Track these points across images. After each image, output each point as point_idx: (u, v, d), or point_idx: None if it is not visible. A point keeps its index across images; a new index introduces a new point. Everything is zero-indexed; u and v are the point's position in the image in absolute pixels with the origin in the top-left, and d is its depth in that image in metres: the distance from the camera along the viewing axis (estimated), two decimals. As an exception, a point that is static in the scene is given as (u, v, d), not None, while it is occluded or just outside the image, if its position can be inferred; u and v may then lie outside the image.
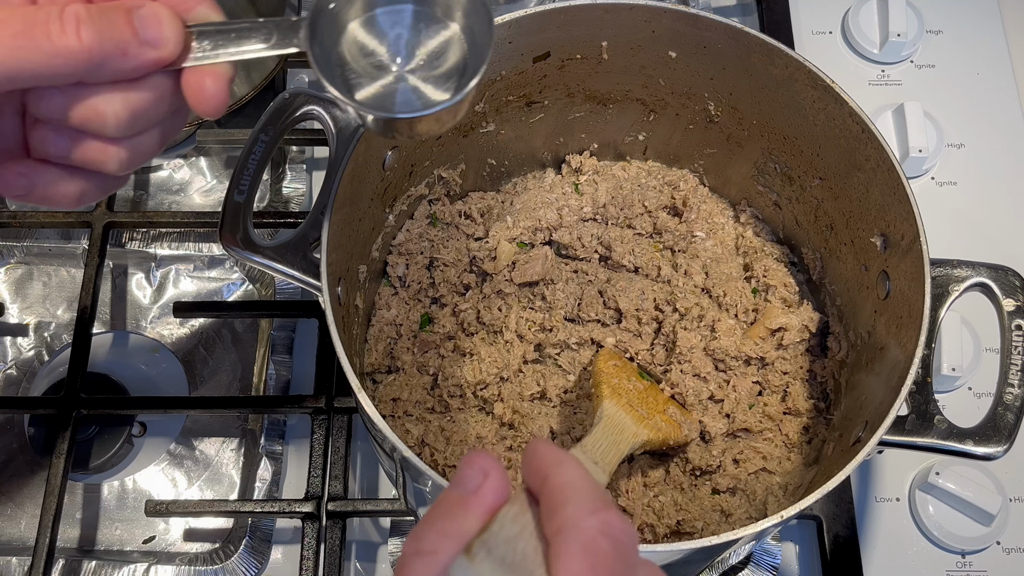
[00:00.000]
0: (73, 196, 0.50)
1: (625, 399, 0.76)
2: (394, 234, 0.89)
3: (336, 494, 0.89)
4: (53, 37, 0.43)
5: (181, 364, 1.01)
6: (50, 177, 0.49)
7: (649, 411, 0.77)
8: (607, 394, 0.75)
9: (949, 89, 1.11)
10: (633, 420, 0.74)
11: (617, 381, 0.79)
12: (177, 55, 0.48)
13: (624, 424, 0.73)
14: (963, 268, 0.74)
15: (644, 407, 0.77)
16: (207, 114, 0.50)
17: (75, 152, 0.48)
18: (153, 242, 1.07)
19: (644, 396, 0.80)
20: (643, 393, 0.80)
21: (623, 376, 0.80)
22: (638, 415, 0.75)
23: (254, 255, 0.73)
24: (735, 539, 0.62)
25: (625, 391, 0.78)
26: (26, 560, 0.88)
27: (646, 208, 0.92)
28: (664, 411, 0.80)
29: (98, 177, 0.51)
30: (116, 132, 0.48)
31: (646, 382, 0.83)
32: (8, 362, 1.02)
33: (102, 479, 0.96)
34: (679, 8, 0.79)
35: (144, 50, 0.46)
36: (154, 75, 0.48)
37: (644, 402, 0.78)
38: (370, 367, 0.85)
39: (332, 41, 0.53)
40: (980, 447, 0.69)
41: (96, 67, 0.45)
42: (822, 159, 0.82)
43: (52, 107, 0.46)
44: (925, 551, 0.89)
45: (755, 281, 0.89)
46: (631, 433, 0.72)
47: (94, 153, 0.49)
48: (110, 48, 0.44)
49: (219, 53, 0.50)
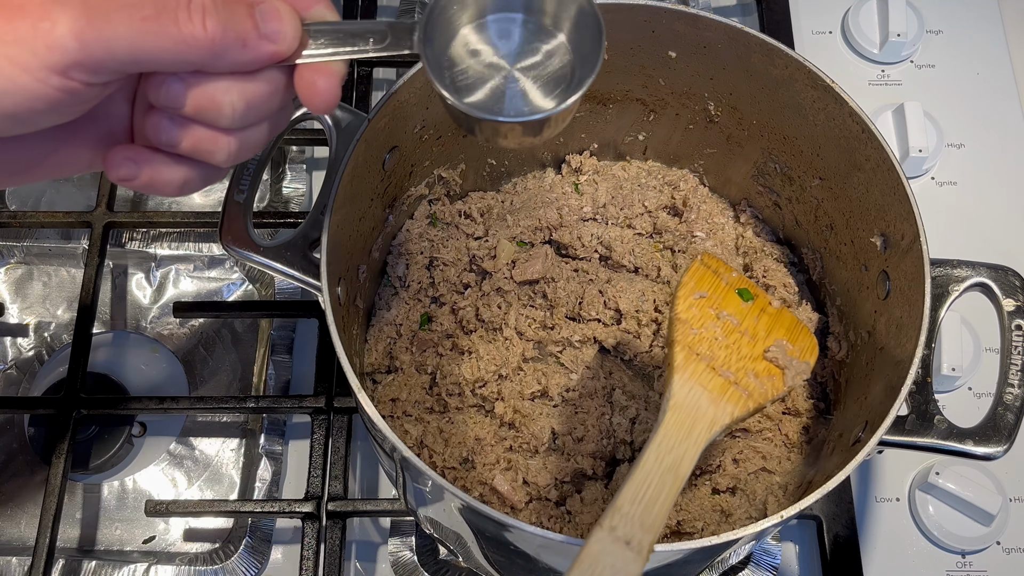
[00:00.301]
0: (176, 184, 0.51)
1: (705, 360, 0.64)
2: (394, 234, 0.89)
3: (336, 494, 0.89)
4: (181, 24, 0.45)
5: (181, 364, 1.01)
6: (157, 164, 0.50)
7: (741, 366, 0.65)
8: (679, 361, 0.64)
9: (949, 89, 1.11)
10: (712, 396, 0.62)
11: (699, 330, 0.67)
12: (293, 51, 0.50)
13: (697, 412, 0.61)
14: (963, 268, 0.74)
15: (735, 360, 0.65)
16: (318, 110, 0.52)
17: (186, 140, 0.50)
18: (153, 242, 1.07)
19: (738, 337, 0.68)
20: (736, 332, 0.68)
21: (708, 315, 0.68)
22: (720, 384, 0.63)
23: (254, 255, 0.73)
24: (735, 539, 0.62)
25: (708, 343, 0.66)
26: (26, 560, 0.88)
27: (646, 208, 0.92)
28: (764, 353, 0.68)
29: (203, 167, 0.52)
30: (230, 123, 0.49)
31: (747, 305, 0.70)
32: (8, 362, 1.02)
33: (102, 479, 0.96)
34: (679, 8, 0.79)
35: (263, 43, 0.48)
36: (270, 69, 0.50)
37: (736, 349, 0.66)
38: (370, 367, 0.85)
39: (443, 45, 0.54)
40: (980, 447, 0.69)
41: (217, 57, 0.46)
42: (822, 159, 0.82)
43: (171, 94, 0.47)
44: (925, 551, 0.89)
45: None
46: (706, 424, 0.61)
47: (205, 143, 0.50)
48: (231, 39, 0.46)
49: (334, 52, 0.51)
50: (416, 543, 0.90)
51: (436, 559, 0.90)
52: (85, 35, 0.43)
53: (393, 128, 0.78)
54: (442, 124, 0.84)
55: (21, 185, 0.48)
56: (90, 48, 0.43)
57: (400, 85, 0.75)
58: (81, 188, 1.11)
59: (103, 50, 0.44)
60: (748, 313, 0.70)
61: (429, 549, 0.90)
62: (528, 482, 0.79)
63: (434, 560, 0.90)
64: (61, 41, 0.43)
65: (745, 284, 0.72)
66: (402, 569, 0.89)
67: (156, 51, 0.45)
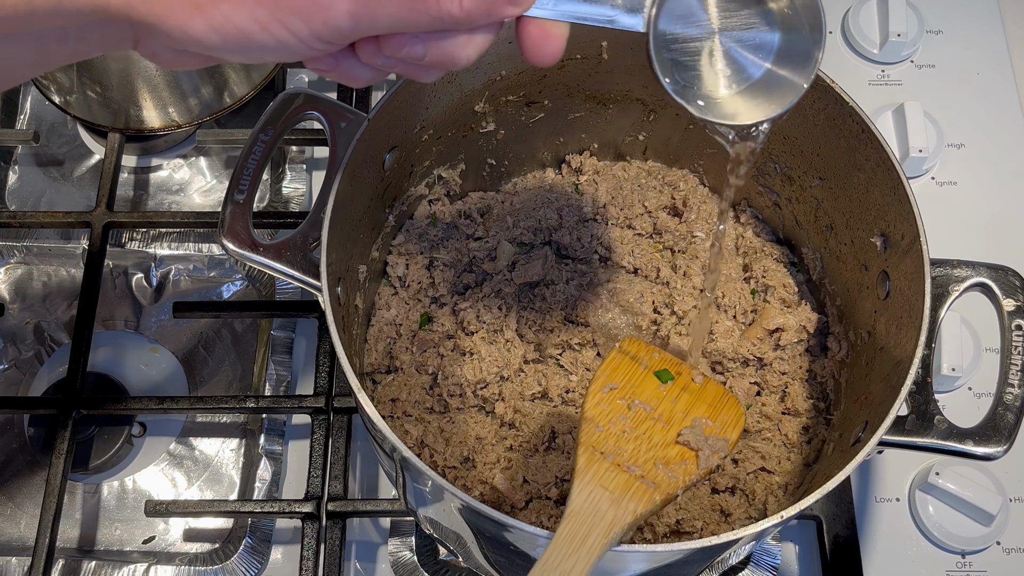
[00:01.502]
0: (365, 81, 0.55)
1: (609, 458, 0.63)
2: (394, 234, 0.89)
3: (336, 494, 0.89)
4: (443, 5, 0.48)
5: (181, 364, 1.01)
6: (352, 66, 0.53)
7: (649, 457, 0.64)
8: (581, 464, 0.62)
9: (949, 89, 1.11)
10: (613, 497, 0.61)
11: (605, 428, 0.66)
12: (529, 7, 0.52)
13: (595, 517, 0.59)
14: (963, 268, 0.74)
15: (642, 451, 0.64)
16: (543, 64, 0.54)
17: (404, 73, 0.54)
18: (153, 242, 1.07)
19: (649, 426, 0.67)
20: (647, 421, 0.67)
21: (617, 408, 0.67)
22: (622, 483, 0.62)
23: (254, 255, 0.73)
24: (735, 539, 0.62)
25: (615, 438, 0.65)
26: (26, 560, 0.88)
27: (646, 208, 0.92)
28: (676, 437, 0.67)
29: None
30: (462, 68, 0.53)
31: (664, 388, 0.70)
32: (8, 362, 1.02)
33: (102, 479, 0.96)
34: (679, 8, 0.79)
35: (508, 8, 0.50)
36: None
37: (645, 439, 0.66)
38: (370, 367, 0.85)
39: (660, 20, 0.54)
40: (980, 447, 0.69)
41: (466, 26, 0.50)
42: (822, 159, 0.82)
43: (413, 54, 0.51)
44: (925, 551, 0.89)
45: (754, 282, 0.89)
46: (603, 528, 0.59)
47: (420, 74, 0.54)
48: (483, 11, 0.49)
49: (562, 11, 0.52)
50: (416, 543, 0.90)
51: (436, 559, 0.90)
52: (359, 15, 0.47)
53: (393, 128, 0.78)
54: (442, 124, 0.84)
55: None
56: (360, 26, 0.48)
57: (400, 85, 0.75)
58: (81, 188, 1.11)
59: (369, 26, 0.48)
60: (665, 396, 0.69)
61: (429, 549, 0.90)
62: (528, 480, 0.79)
63: (434, 560, 0.90)
64: (337, 20, 0.47)
65: (666, 364, 0.71)
66: (402, 569, 0.89)
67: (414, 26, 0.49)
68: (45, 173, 1.12)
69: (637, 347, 0.72)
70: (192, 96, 1.04)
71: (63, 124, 1.14)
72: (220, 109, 1.06)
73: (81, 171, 1.12)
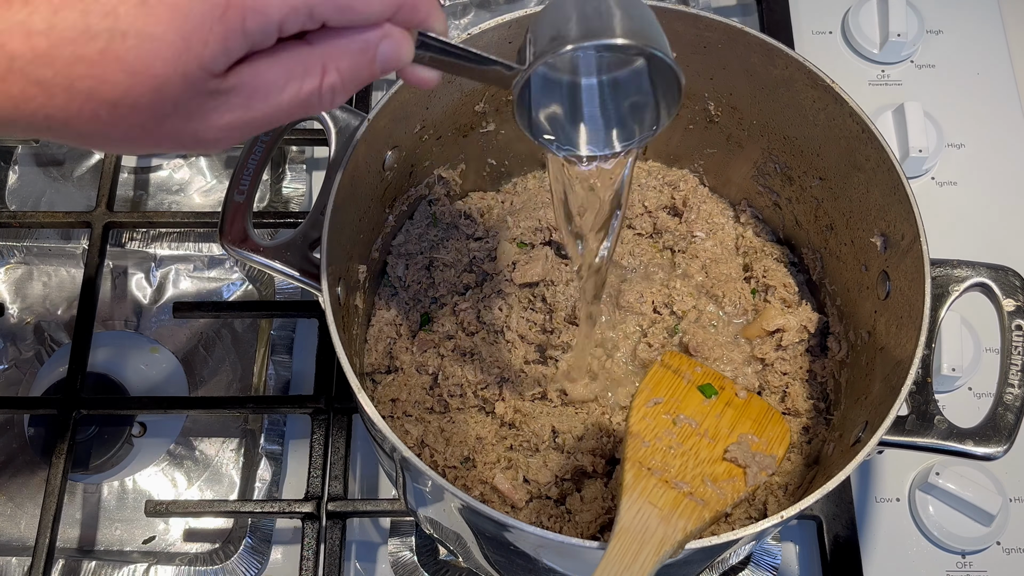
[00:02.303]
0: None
1: (657, 474, 0.61)
2: (394, 234, 0.89)
3: (336, 494, 0.89)
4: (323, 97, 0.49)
5: (181, 364, 1.01)
6: None
7: (697, 473, 0.62)
8: (629, 480, 0.60)
9: (949, 89, 1.11)
10: (662, 514, 0.59)
11: (651, 443, 0.64)
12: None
13: (645, 534, 0.58)
14: (963, 268, 0.74)
15: (690, 468, 0.62)
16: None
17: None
18: (153, 242, 1.07)
19: (695, 442, 0.65)
20: (694, 437, 0.65)
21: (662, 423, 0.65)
22: (671, 500, 0.60)
23: (254, 255, 0.73)
24: (735, 539, 0.62)
25: (662, 453, 0.63)
26: (26, 560, 0.88)
27: (646, 208, 0.92)
28: (724, 454, 0.65)
29: None
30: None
31: (708, 403, 0.68)
32: (8, 362, 1.02)
33: (102, 479, 0.96)
34: (679, 8, 0.79)
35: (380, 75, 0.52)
36: None
37: (693, 456, 0.63)
38: (370, 367, 0.85)
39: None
40: (980, 447, 0.69)
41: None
42: (822, 159, 0.82)
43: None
44: (925, 551, 0.89)
45: (755, 281, 0.89)
46: (654, 546, 0.57)
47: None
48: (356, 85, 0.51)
49: (441, 62, 0.54)
50: (416, 543, 0.90)
51: (436, 559, 0.90)
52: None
53: (393, 128, 0.78)
54: (442, 124, 0.84)
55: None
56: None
57: (400, 85, 0.75)
58: (81, 188, 1.11)
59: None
60: (710, 412, 0.68)
61: (429, 549, 0.90)
62: (529, 480, 0.79)
63: (434, 560, 0.90)
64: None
65: (709, 379, 0.70)
66: (402, 569, 0.89)
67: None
68: (45, 173, 1.12)
69: (679, 360, 0.71)
70: (192, 96, 1.04)
71: (63, 124, 1.14)
72: (220, 109, 1.06)
73: (81, 171, 1.12)
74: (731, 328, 0.87)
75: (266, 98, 0.47)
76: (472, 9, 1.20)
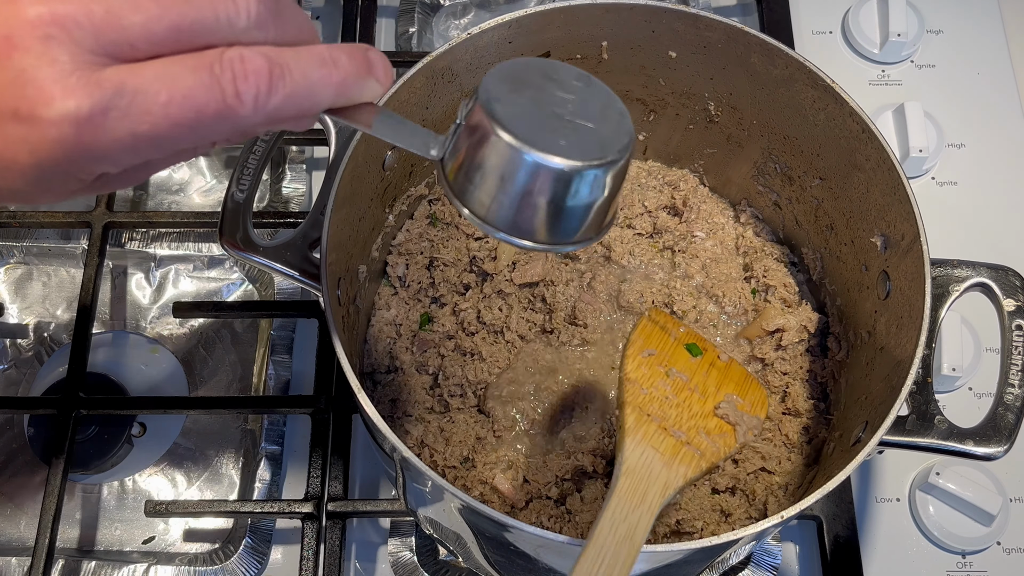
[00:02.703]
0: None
1: (657, 420, 0.62)
2: (394, 234, 0.89)
3: (336, 494, 0.89)
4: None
5: (181, 364, 1.01)
6: None
7: (692, 424, 0.64)
8: (631, 424, 0.61)
9: (949, 89, 1.11)
10: (665, 458, 0.60)
11: (648, 391, 0.65)
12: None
13: (650, 476, 0.59)
14: (963, 268, 0.74)
15: (685, 419, 0.64)
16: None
17: None
18: (153, 242, 1.07)
19: (688, 395, 0.66)
20: (686, 391, 0.66)
21: (657, 374, 0.66)
22: (672, 446, 0.61)
23: (254, 255, 0.73)
24: (735, 539, 0.62)
25: (659, 402, 0.64)
26: (26, 560, 0.88)
27: (646, 208, 0.92)
28: (715, 410, 0.67)
29: None
30: None
31: (695, 361, 0.68)
32: (8, 362, 1.02)
33: (102, 479, 0.96)
34: (679, 8, 0.79)
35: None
36: None
37: (687, 408, 0.65)
38: (370, 367, 0.85)
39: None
40: (980, 447, 0.69)
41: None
42: (822, 159, 0.82)
43: None
44: (925, 551, 0.89)
45: (755, 281, 0.89)
46: (659, 488, 0.58)
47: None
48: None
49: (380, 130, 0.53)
50: (416, 543, 0.90)
51: (436, 559, 0.90)
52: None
53: (393, 128, 0.78)
54: (442, 124, 0.84)
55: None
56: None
57: (400, 85, 0.75)
58: (81, 188, 1.11)
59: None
60: (697, 368, 0.69)
61: (429, 549, 0.90)
62: (529, 480, 0.79)
63: (434, 560, 0.90)
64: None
65: (693, 338, 0.71)
66: (402, 569, 0.89)
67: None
68: (45, 173, 1.12)
69: (665, 318, 0.72)
70: (192, 96, 1.04)
71: (63, 124, 1.14)
72: (220, 109, 1.06)
73: (81, 171, 1.12)
74: (731, 328, 0.87)
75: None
76: (472, 9, 1.20)
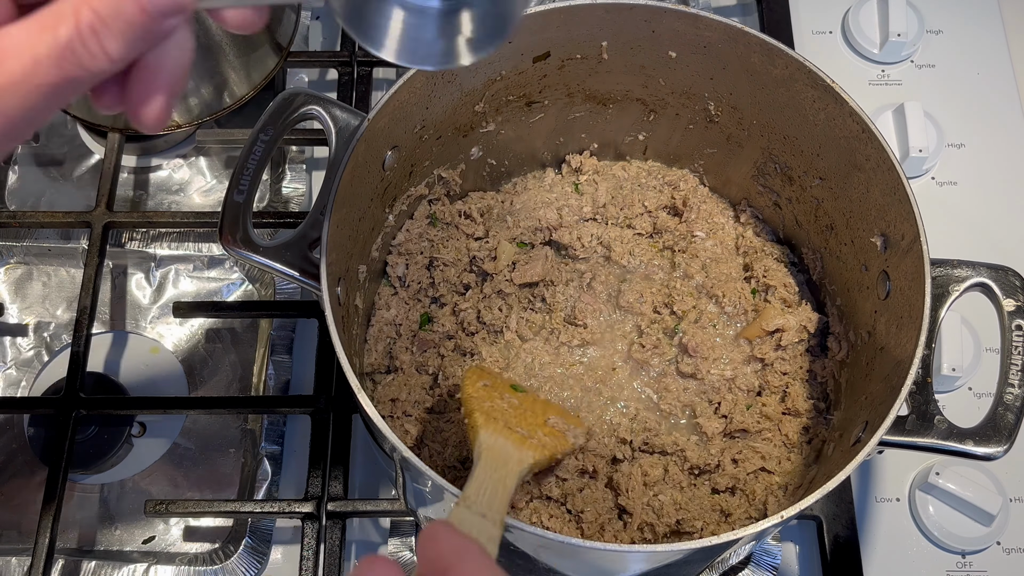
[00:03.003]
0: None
1: (501, 422, 0.71)
2: (394, 234, 0.89)
3: (336, 494, 0.89)
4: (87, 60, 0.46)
5: (181, 364, 1.01)
6: None
7: (530, 428, 0.73)
8: (481, 422, 0.70)
9: (949, 89, 1.11)
10: (515, 444, 0.69)
11: (489, 404, 0.73)
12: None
13: (506, 453, 0.68)
14: (963, 268, 0.74)
15: (524, 425, 0.73)
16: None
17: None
18: (153, 242, 1.07)
19: (521, 412, 0.75)
20: (519, 409, 0.75)
21: (494, 396, 0.75)
22: (518, 437, 0.70)
23: (254, 255, 0.73)
24: (735, 539, 0.62)
25: (500, 412, 0.73)
26: (26, 560, 0.88)
27: (646, 208, 0.92)
28: (545, 423, 0.76)
29: None
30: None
31: (521, 394, 0.79)
32: (8, 362, 1.02)
33: (102, 479, 0.96)
34: (679, 8, 0.79)
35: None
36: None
37: (523, 419, 0.74)
38: (370, 367, 0.85)
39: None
40: (980, 447, 0.69)
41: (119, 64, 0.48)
42: (822, 159, 0.82)
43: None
44: (925, 551, 0.89)
45: (755, 281, 0.89)
46: (515, 461, 0.67)
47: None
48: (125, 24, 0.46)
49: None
50: (416, 543, 0.90)
51: (436, 559, 0.90)
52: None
53: (393, 128, 0.78)
54: (442, 124, 0.84)
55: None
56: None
57: (400, 85, 0.75)
58: (81, 188, 1.11)
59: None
60: (524, 399, 0.78)
61: (429, 549, 0.90)
62: (529, 480, 0.79)
63: (434, 560, 0.90)
64: None
65: (514, 381, 0.82)
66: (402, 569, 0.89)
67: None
68: (45, 173, 1.12)
69: (485, 369, 0.82)
70: (192, 96, 1.04)
71: (63, 124, 1.14)
72: (220, 109, 1.06)
73: (81, 171, 1.12)
74: (731, 328, 0.87)
75: (19, 55, 0.45)
76: (472, 9, 1.20)
